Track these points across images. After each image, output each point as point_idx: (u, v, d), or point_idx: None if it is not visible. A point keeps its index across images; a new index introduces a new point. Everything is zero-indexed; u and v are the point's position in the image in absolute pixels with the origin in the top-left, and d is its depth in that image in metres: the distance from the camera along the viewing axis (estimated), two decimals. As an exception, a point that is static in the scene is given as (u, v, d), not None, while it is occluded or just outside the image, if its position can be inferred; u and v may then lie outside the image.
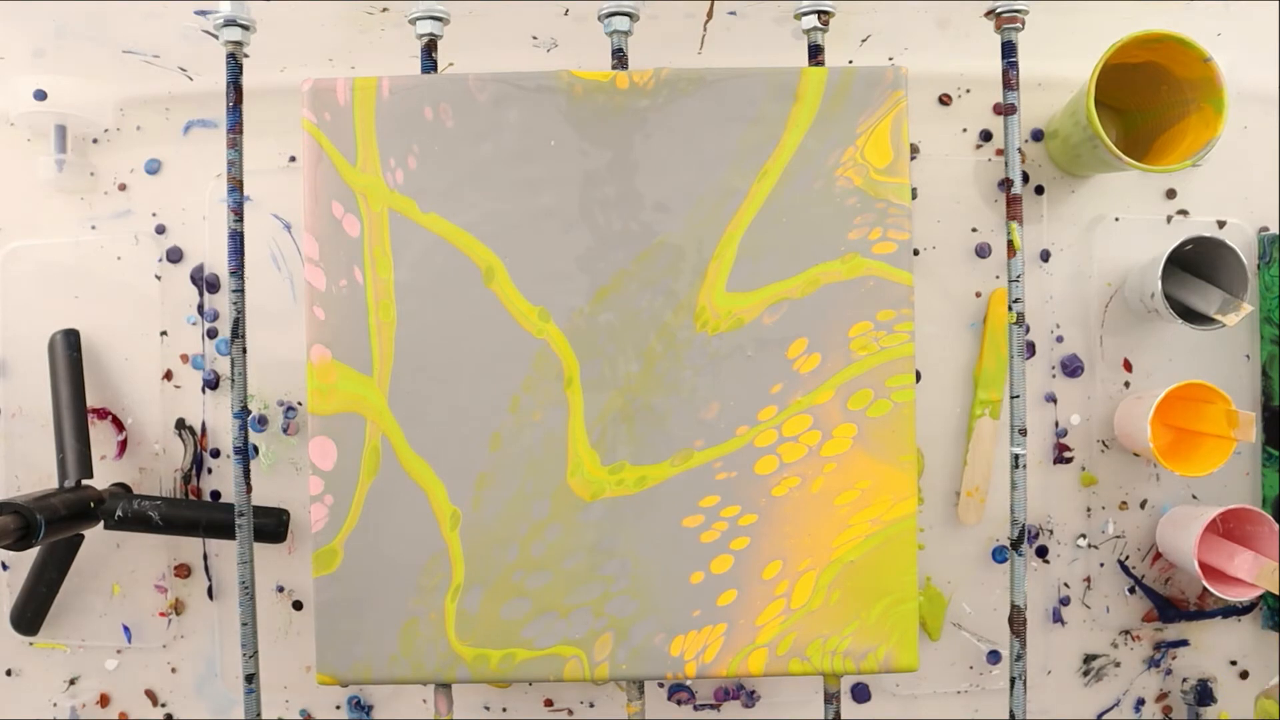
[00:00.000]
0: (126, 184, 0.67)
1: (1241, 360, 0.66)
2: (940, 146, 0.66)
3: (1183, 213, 0.67)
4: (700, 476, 0.50)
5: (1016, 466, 0.51)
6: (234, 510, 0.51)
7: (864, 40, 0.64)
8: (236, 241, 0.51)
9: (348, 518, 0.50)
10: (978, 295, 0.66)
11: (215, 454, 0.66)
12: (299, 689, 0.67)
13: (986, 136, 0.66)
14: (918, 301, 0.64)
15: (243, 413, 0.51)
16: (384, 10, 0.59)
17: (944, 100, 0.66)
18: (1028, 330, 0.66)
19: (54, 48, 0.63)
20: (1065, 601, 0.66)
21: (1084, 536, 0.66)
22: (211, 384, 0.66)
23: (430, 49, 0.53)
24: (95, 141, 0.67)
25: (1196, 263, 0.63)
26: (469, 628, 0.50)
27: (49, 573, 0.64)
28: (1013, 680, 0.51)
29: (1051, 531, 0.66)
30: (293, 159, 0.66)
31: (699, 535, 0.50)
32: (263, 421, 0.66)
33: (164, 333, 0.67)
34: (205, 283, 0.67)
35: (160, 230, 0.67)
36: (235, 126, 0.51)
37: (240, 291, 0.51)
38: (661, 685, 0.66)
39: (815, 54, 0.53)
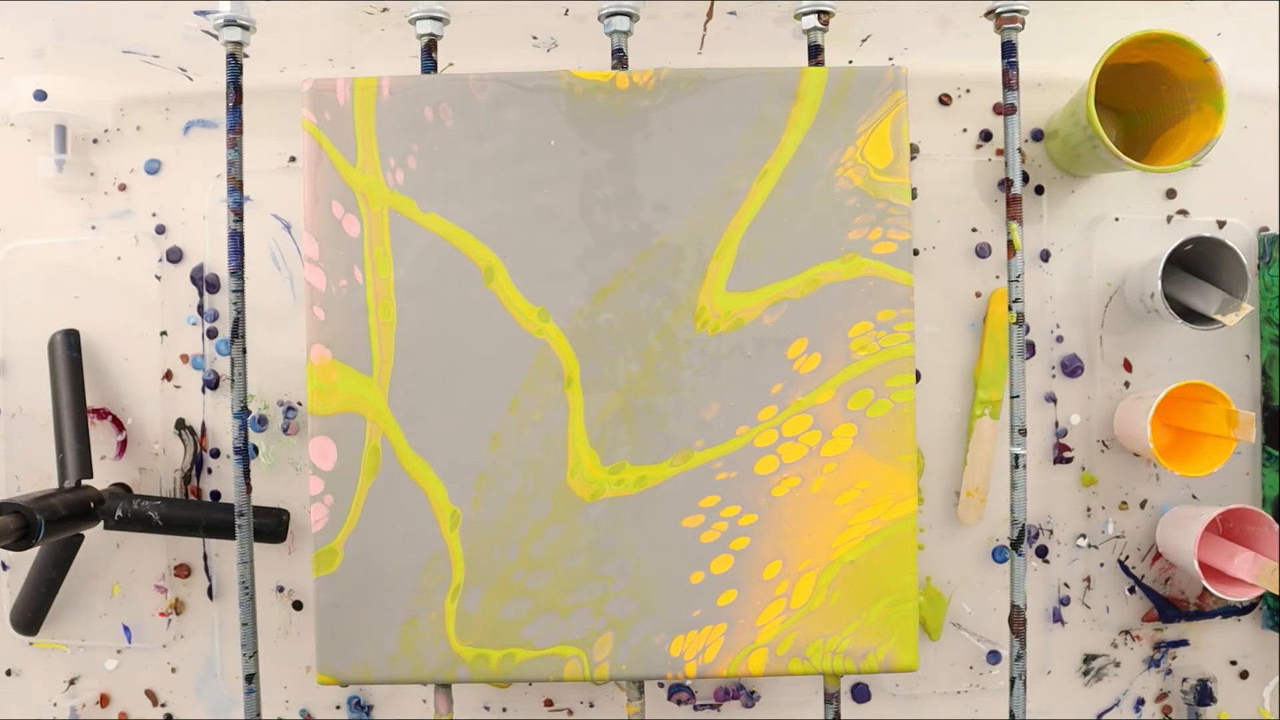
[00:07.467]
0: (126, 184, 0.67)
1: (1241, 360, 0.66)
2: (940, 146, 0.66)
3: (1183, 213, 0.67)
4: (700, 476, 0.50)
5: (1016, 466, 0.51)
6: (234, 510, 0.51)
7: (864, 40, 0.64)
8: (236, 241, 0.51)
9: (348, 518, 0.50)
10: (978, 295, 0.66)
11: (215, 454, 0.66)
12: (299, 689, 0.67)
13: (986, 136, 0.66)
14: (918, 301, 0.64)
15: (243, 413, 0.51)
16: (384, 10, 0.59)
17: (944, 100, 0.66)
18: (1028, 330, 0.66)
19: (54, 48, 0.63)
20: (1065, 601, 0.66)
21: (1084, 536, 0.66)
22: (211, 384, 0.66)
23: (430, 49, 0.53)
24: (95, 141, 0.67)
25: (1196, 263, 0.62)
26: (469, 628, 0.50)
27: (49, 573, 0.64)
28: (1013, 680, 0.51)
29: (1051, 531, 0.66)
30: (293, 159, 0.66)
31: (699, 535, 0.50)
32: (263, 421, 0.66)
33: (164, 333, 0.67)
34: (205, 283, 0.67)
35: (160, 230, 0.67)
36: (235, 126, 0.51)
37: (240, 291, 0.51)
38: (661, 685, 0.66)
39: (815, 54, 0.53)
